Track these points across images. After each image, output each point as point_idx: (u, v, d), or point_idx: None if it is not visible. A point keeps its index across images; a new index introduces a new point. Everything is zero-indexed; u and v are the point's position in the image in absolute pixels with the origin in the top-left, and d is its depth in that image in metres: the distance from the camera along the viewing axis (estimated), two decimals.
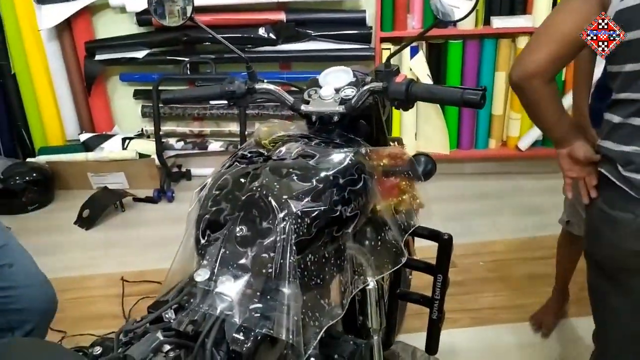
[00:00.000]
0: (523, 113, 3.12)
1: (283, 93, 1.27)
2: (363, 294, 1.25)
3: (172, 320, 0.95)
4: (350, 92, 1.20)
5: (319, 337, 0.97)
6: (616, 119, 1.21)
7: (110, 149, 3.33)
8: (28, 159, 3.36)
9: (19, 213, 3.13)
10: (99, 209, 3.04)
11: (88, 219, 2.99)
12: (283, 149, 1.11)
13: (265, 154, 1.11)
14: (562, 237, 1.98)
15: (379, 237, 1.17)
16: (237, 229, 0.96)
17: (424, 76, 2.97)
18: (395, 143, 1.41)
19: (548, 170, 3.32)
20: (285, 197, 0.97)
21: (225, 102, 1.32)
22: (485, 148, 3.28)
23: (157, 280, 2.33)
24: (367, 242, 1.19)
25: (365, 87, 1.17)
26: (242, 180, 1.02)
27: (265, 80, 1.29)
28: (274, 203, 0.96)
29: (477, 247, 2.59)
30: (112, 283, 2.47)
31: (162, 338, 0.92)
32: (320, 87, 1.23)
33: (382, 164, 1.18)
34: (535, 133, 3.14)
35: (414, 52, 2.99)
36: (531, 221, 2.79)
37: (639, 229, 1.18)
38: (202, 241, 1.00)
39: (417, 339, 1.85)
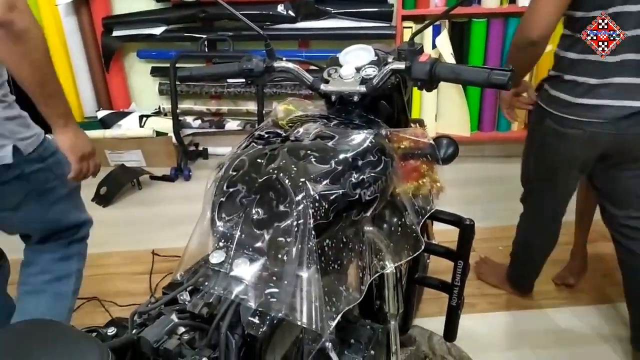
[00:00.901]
0: None
1: (302, 72, 1.23)
2: (381, 278, 1.23)
3: (187, 303, 0.94)
4: (371, 71, 1.16)
5: (335, 322, 0.95)
6: (573, 55, 1.57)
7: (128, 127, 3.33)
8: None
9: None
10: (116, 186, 3.05)
11: (105, 197, 3.00)
12: (301, 129, 1.08)
13: (283, 134, 1.08)
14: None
15: (399, 222, 1.14)
16: (254, 211, 0.94)
17: (448, 55, 2.91)
18: (417, 125, 1.37)
19: None
20: (302, 179, 0.94)
21: (243, 80, 1.29)
22: (507, 130, 3.22)
23: (176, 255, 2.34)
24: (385, 226, 1.17)
25: (388, 67, 1.13)
26: (259, 161, 1.00)
27: (284, 59, 1.26)
28: (291, 186, 0.93)
29: (496, 231, 2.55)
30: (129, 260, 2.48)
31: (176, 320, 0.91)
32: (341, 66, 1.19)
33: (402, 146, 1.14)
34: None
35: (436, 30, 2.92)
36: None
37: (585, 140, 1.60)
38: (218, 223, 0.97)
39: (433, 323, 1.84)
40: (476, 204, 2.72)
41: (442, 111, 3.16)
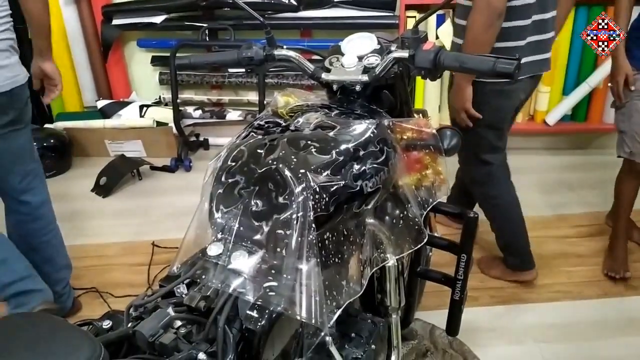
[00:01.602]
0: (553, 86, 3.03)
1: (303, 60, 1.21)
2: (382, 271, 1.22)
3: (183, 296, 0.92)
4: (374, 60, 1.14)
5: (336, 316, 0.93)
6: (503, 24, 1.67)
7: (128, 117, 3.30)
8: (46, 125, 3.35)
9: None
10: (116, 177, 3.03)
11: (105, 187, 2.98)
12: (301, 119, 1.06)
13: (283, 124, 1.06)
14: (626, 168, 2.13)
15: (401, 214, 1.12)
16: (253, 203, 0.92)
17: (450, 45, 2.87)
18: (420, 115, 1.34)
19: (573, 147, 3.23)
20: (302, 170, 0.92)
21: (244, 70, 1.26)
22: None
23: (176, 247, 2.32)
24: (387, 219, 1.14)
25: (391, 55, 1.10)
26: (259, 151, 0.97)
27: (284, 47, 1.24)
28: (290, 177, 0.91)
29: None
30: (129, 252, 2.46)
31: (173, 314, 0.89)
32: (343, 55, 1.16)
33: (405, 137, 1.12)
34: (564, 107, 3.04)
35: (440, 20, 2.88)
36: (556, 199, 2.72)
37: (524, 88, 1.84)
38: (216, 215, 0.95)
39: (435, 317, 1.82)
40: None
41: (445, 101, 3.12)
